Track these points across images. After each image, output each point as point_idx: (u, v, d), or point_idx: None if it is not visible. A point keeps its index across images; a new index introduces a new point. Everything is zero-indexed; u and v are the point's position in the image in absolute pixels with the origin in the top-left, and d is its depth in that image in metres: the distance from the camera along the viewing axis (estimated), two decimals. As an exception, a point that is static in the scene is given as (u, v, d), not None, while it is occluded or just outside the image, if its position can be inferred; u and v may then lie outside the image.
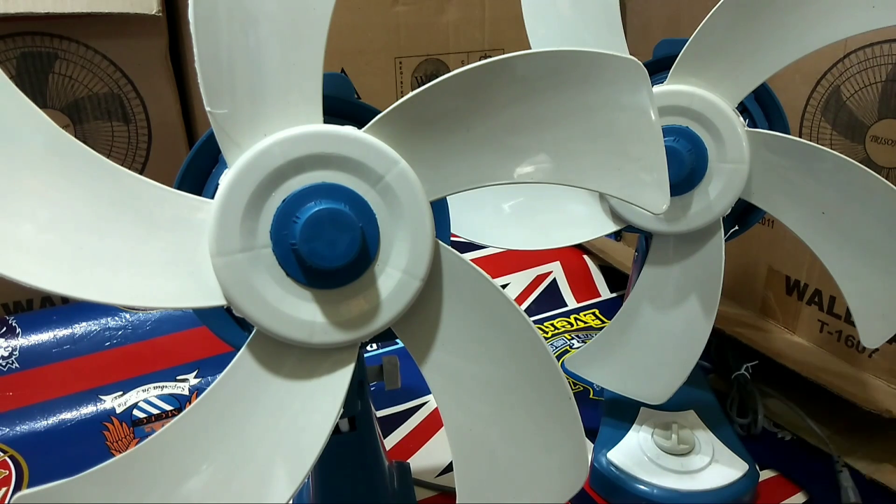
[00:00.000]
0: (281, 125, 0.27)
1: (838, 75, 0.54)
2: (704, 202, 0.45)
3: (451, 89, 0.28)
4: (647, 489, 0.49)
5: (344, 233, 0.26)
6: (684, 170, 0.44)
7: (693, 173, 0.44)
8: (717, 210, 0.45)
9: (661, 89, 0.44)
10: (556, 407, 0.32)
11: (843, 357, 0.58)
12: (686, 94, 0.44)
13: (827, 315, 0.60)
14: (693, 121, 0.44)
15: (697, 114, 0.44)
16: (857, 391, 0.55)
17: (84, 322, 0.66)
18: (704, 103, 0.44)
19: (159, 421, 0.60)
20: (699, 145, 0.44)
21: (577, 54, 0.28)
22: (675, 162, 0.43)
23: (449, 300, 0.30)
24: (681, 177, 0.44)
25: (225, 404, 0.28)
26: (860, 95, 0.53)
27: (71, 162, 0.26)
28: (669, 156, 0.43)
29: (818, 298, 0.60)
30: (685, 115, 0.44)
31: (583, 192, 0.48)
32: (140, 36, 0.68)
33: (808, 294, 0.61)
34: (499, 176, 0.30)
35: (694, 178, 0.45)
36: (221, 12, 0.26)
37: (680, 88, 0.44)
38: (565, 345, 0.72)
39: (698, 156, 0.44)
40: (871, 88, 0.52)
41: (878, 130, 0.53)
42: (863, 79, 0.53)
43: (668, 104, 0.44)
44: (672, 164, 0.44)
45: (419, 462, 0.55)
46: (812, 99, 0.56)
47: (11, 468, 0.54)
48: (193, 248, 0.27)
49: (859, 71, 0.52)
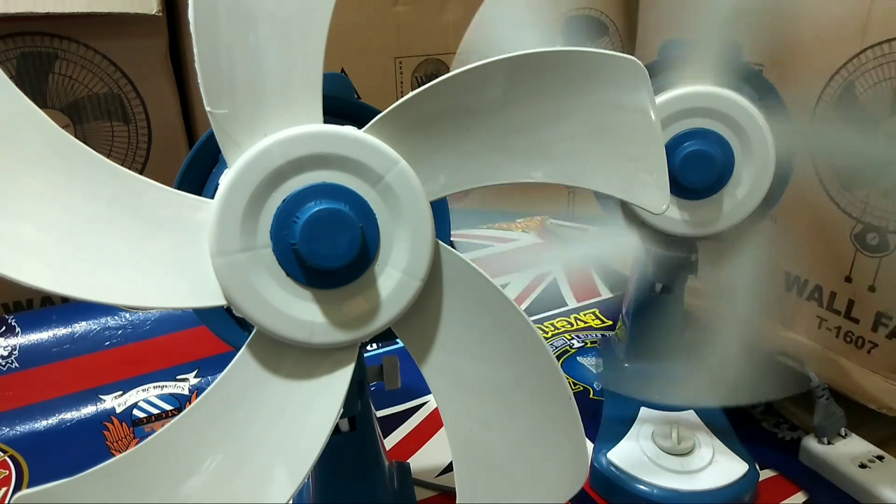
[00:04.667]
0: (281, 125, 0.27)
1: (853, 70, 0.53)
2: (733, 203, 0.45)
3: (450, 89, 0.28)
4: (647, 489, 0.49)
5: (344, 233, 0.26)
6: (714, 172, 0.44)
7: (722, 175, 0.44)
8: (745, 210, 0.45)
9: (683, 91, 0.44)
10: (556, 407, 0.32)
11: (843, 353, 0.58)
12: (707, 95, 0.44)
13: (826, 311, 0.59)
14: (716, 121, 0.44)
15: (721, 114, 0.44)
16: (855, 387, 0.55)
17: (84, 322, 0.66)
18: (727, 103, 0.44)
19: (159, 421, 0.60)
20: (726, 146, 0.44)
21: (577, 54, 0.28)
22: (706, 165, 0.43)
23: (449, 300, 0.30)
24: (711, 179, 0.44)
25: (225, 404, 0.28)
26: (874, 91, 0.52)
27: (71, 162, 0.26)
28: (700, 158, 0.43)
29: (818, 294, 0.60)
30: (708, 116, 0.44)
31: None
32: (140, 36, 0.68)
33: (807, 290, 0.61)
34: (499, 176, 0.30)
35: (722, 180, 0.45)
36: (221, 12, 0.26)
37: (700, 89, 0.44)
38: (565, 345, 0.72)
39: (726, 157, 0.44)
40: (885, 84, 0.52)
41: (890, 126, 0.52)
42: (878, 74, 0.52)
43: (689, 106, 0.44)
44: (703, 167, 0.44)
45: (419, 462, 0.55)
46: (825, 94, 0.56)
47: (11, 468, 0.54)
48: (193, 248, 0.27)
49: (876, 66, 0.52)
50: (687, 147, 0.44)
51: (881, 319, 0.54)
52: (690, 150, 0.44)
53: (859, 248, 0.54)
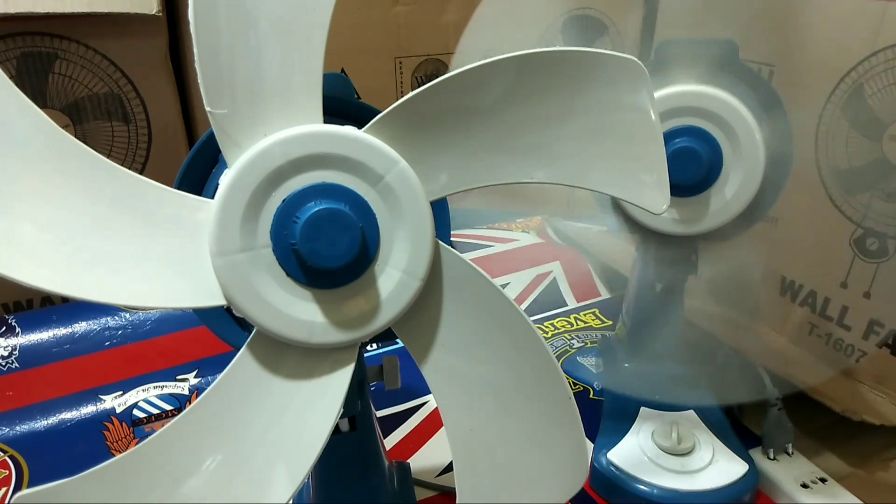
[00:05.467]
0: (281, 125, 0.27)
1: (863, 73, 0.53)
2: (721, 202, 0.45)
3: (450, 89, 0.28)
4: (647, 489, 0.49)
5: (344, 233, 0.26)
6: (702, 170, 0.44)
7: (710, 173, 0.44)
8: (733, 210, 0.45)
9: (673, 90, 0.44)
10: (556, 407, 0.32)
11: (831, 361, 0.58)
12: (698, 94, 0.44)
13: (819, 317, 0.59)
14: (706, 120, 0.44)
15: (711, 113, 0.44)
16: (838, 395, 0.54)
17: (84, 322, 0.66)
18: (718, 102, 0.44)
19: (159, 421, 0.60)
20: (714, 145, 0.44)
21: (577, 54, 0.28)
22: (693, 162, 0.43)
23: (449, 300, 0.30)
24: (698, 177, 0.44)
25: (225, 404, 0.28)
26: (883, 94, 0.52)
27: (71, 162, 0.26)
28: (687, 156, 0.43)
29: (812, 300, 0.60)
30: (698, 115, 0.44)
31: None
32: (140, 36, 0.68)
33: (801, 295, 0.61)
34: (498, 176, 0.30)
35: (710, 178, 0.45)
36: (221, 12, 0.26)
37: (692, 88, 0.44)
38: (565, 345, 0.72)
39: (714, 155, 0.44)
40: (894, 87, 0.52)
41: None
42: (888, 77, 0.52)
43: (680, 105, 0.44)
44: (690, 165, 0.44)
45: (419, 462, 0.55)
46: (834, 96, 0.55)
47: (11, 468, 0.54)
48: (193, 247, 0.27)
49: (885, 69, 0.52)
50: (675, 144, 0.44)
51: (874, 327, 0.54)
52: (678, 146, 0.44)
53: (857, 254, 0.54)
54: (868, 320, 0.54)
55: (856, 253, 0.54)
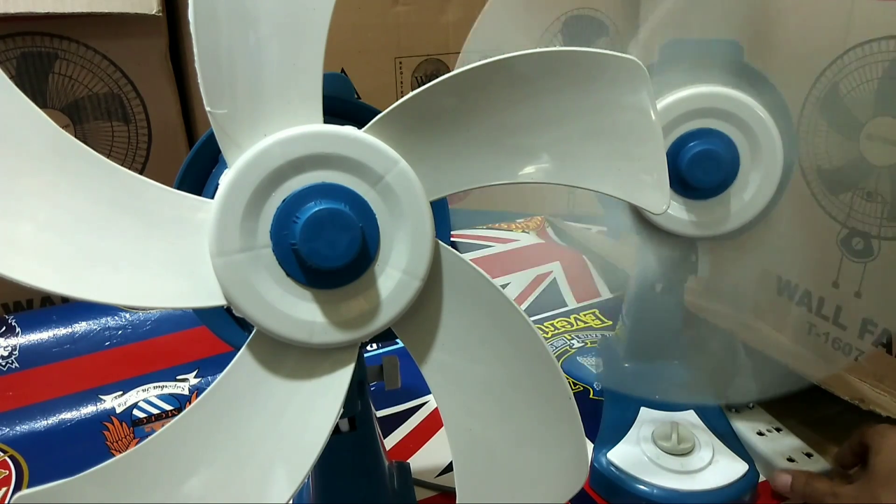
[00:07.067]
0: (281, 125, 0.27)
1: (837, 71, 0.53)
2: (739, 204, 0.45)
3: (450, 89, 0.28)
4: (647, 489, 0.49)
5: (344, 233, 0.26)
6: (721, 172, 0.44)
7: (728, 175, 0.45)
8: (752, 211, 0.45)
9: (692, 92, 0.44)
10: (556, 407, 0.32)
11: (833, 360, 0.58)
12: (717, 96, 0.44)
13: (816, 317, 0.59)
14: (724, 121, 0.44)
15: (729, 114, 0.44)
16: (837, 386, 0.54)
17: (84, 322, 0.66)
18: (736, 104, 0.44)
19: (159, 421, 0.60)
20: (731, 146, 0.44)
21: (577, 54, 0.28)
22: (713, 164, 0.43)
23: (449, 300, 0.30)
24: (718, 179, 0.44)
25: (225, 404, 0.28)
26: (857, 92, 0.53)
27: (71, 162, 0.26)
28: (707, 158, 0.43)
29: (807, 299, 0.60)
30: (716, 117, 0.44)
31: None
32: (140, 36, 0.68)
33: (797, 294, 0.61)
34: (499, 176, 0.30)
35: (728, 180, 0.45)
36: (221, 12, 0.26)
37: (710, 90, 0.44)
38: (565, 345, 0.72)
39: (731, 156, 0.44)
40: (867, 85, 0.52)
41: (872, 128, 0.52)
42: (861, 75, 0.52)
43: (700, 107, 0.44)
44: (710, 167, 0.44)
45: (419, 462, 0.55)
46: (811, 95, 0.56)
47: (11, 468, 0.54)
48: (193, 247, 0.27)
49: (858, 67, 0.52)
50: (693, 147, 0.44)
51: (867, 326, 0.54)
52: (697, 149, 0.44)
53: (845, 254, 0.54)
54: (861, 319, 0.54)
55: (843, 253, 0.54)
